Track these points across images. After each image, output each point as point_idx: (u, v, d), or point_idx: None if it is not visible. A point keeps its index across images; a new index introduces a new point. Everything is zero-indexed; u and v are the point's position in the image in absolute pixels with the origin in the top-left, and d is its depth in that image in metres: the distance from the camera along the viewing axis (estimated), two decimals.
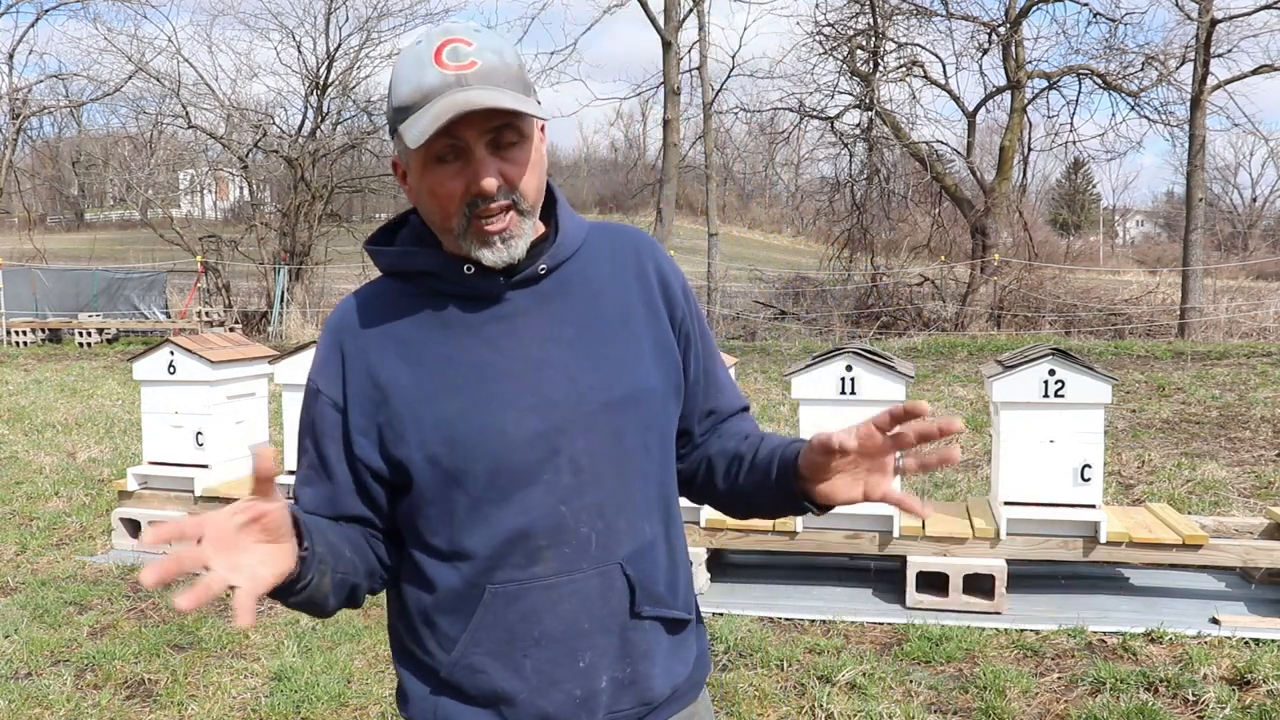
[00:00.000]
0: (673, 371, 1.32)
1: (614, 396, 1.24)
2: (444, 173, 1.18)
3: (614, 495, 1.24)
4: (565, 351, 1.24)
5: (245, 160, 20.34)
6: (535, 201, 1.23)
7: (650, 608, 1.26)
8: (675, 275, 1.36)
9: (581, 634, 1.22)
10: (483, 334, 1.23)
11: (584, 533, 1.22)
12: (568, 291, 1.27)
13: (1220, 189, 44.35)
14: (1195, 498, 6.01)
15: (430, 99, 1.14)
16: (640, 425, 1.26)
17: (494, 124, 1.16)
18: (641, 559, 1.26)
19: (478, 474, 1.20)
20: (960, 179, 18.95)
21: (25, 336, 17.13)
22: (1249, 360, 11.92)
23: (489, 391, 1.21)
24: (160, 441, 5.36)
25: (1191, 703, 3.37)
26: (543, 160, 1.25)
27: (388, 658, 3.80)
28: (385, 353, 1.24)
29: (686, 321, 1.35)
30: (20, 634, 4.05)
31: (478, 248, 1.20)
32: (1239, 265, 26.39)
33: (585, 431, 1.22)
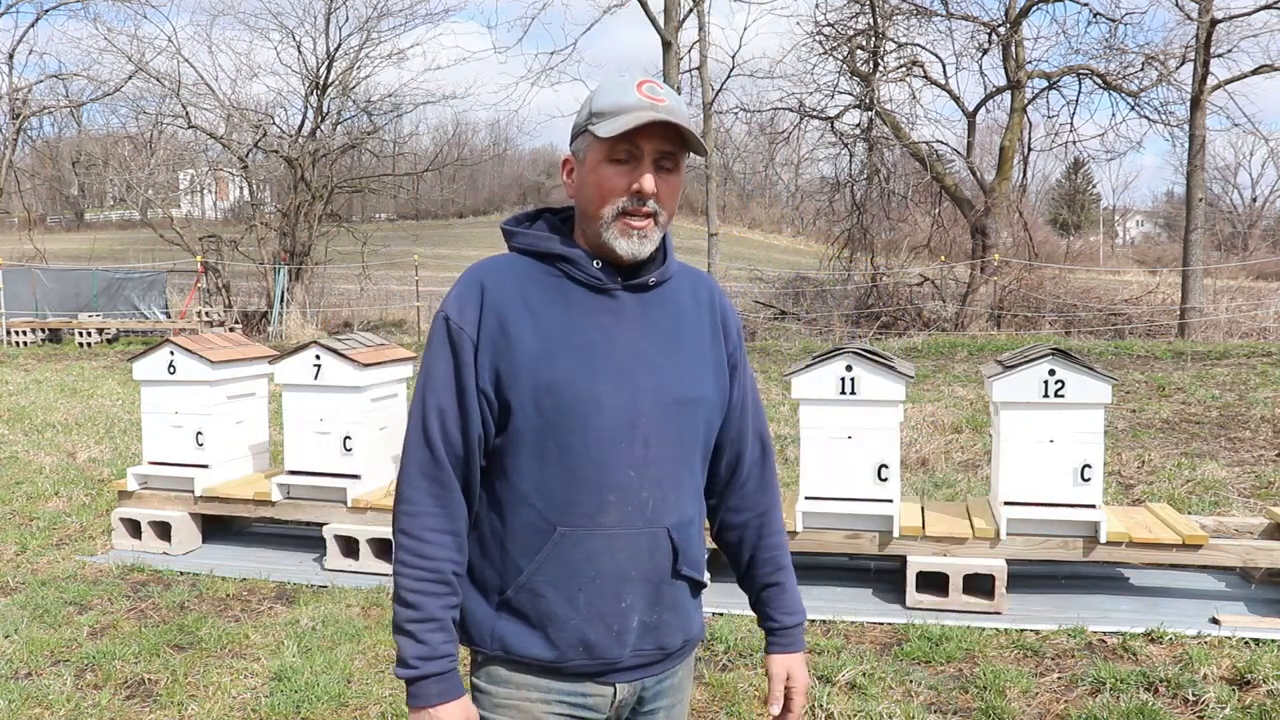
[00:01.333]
0: (723, 390, 1.61)
1: (683, 396, 1.53)
2: (616, 170, 1.46)
3: (671, 474, 1.52)
4: (654, 351, 1.51)
5: (245, 160, 20.32)
6: (666, 223, 1.51)
7: (686, 568, 1.54)
8: (733, 316, 1.68)
9: (628, 579, 1.49)
10: (596, 319, 1.49)
11: (644, 497, 1.48)
12: (663, 306, 1.55)
13: (1220, 189, 44.37)
14: (1195, 498, 6.01)
15: (628, 110, 1.43)
16: (695, 425, 1.55)
17: (665, 149, 1.46)
18: (684, 530, 1.54)
19: (570, 428, 1.45)
20: (960, 179, 18.94)
21: (25, 336, 17.13)
22: (1249, 360, 11.92)
23: (593, 366, 1.46)
24: (160, 441, 5.36)
25: (1191, 703, 3.37)
26: (680, 194, 1.53)
27: (388, 657, 3.80)
28: (517, 309, 1.48)
29: (736, 355, 1.66)
30: (20, 634, 4.05)
31: (617, 237, 1.47)
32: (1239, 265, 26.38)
33: (658, 418, 1.50)
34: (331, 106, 20.35)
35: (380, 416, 5.16)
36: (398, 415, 5.35)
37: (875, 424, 4.50)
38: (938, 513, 4.71)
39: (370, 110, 20.95)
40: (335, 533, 4.94)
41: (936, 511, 4.74)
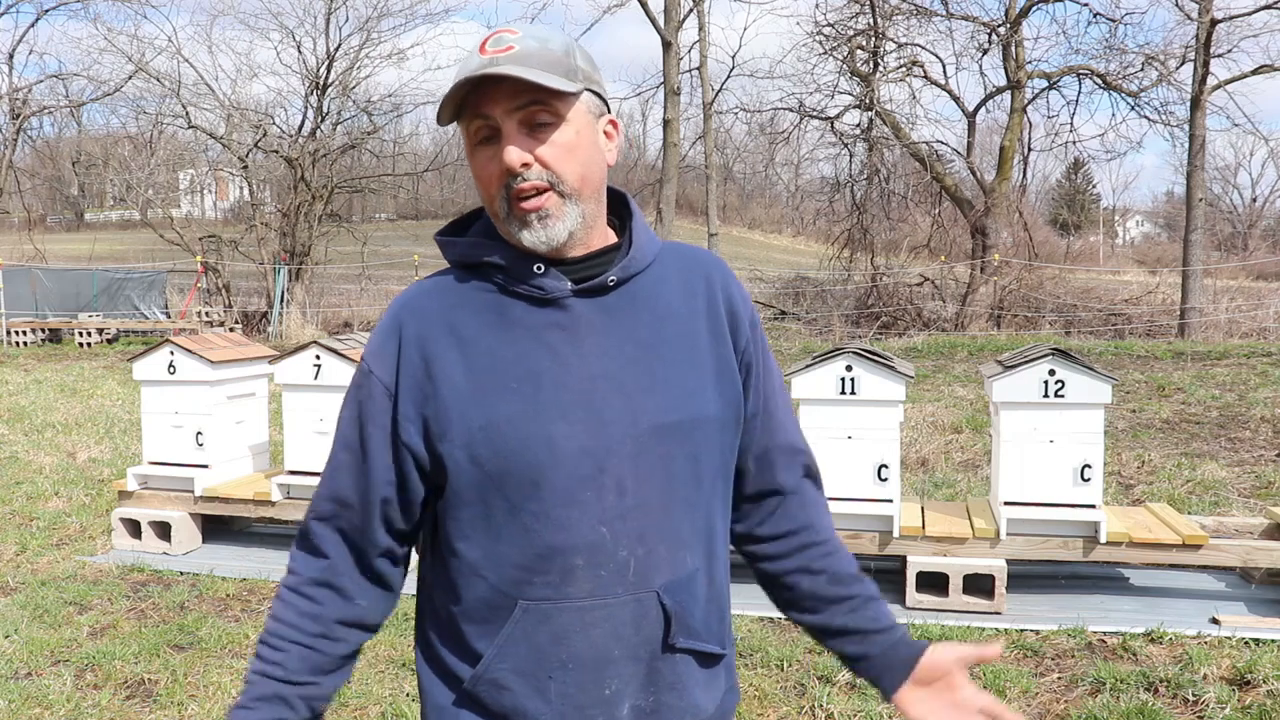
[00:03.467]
0: (734, 401, 1.27)
1: (667, 421, 1.20)
2: (484, 155, 1.19)
3: (657, 522, 1.20)
4: (624, 368, 1.20)
5: (245, 160, 20.32)
6: (580, 187, 1.19)
7: (684, 639, 1.23)
8: (744, 304, 1.33)
9: (610, 660, 1.19)
10: (543, 339, 1.19)
11: (623, 557, 1.18)
12: (635, 307, 1.23)
13: (1220, 189, 44.37)
14: (1195, 498, 6.01)
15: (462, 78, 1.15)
16: (691, 453, 1.22)
17: (521, 102, 1.15)
18: (680, 590, 1.22)
19: (520, 482, 1.17)
20: (960, 179, 18.94)
21: (25, 336, 17.12)
22: (1249, 360, 11.92)
23: (541, 400, 1.17)
24: (160, 441, 5.36)
25: (1191, 703, 3.37)
26: (591, 149, 1.20)
27: (388, 657, 3.80)
28: (442, 343, 1.21)
29: (750, 351, 1.31)
30: (20, 634, 4.05)
31: (517, 229, 1.18)
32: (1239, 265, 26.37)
33: (634, 454, 1.18)
34: (331, 106, 20.36)
35: None
36: None
37: (875, 424, 4.50)
38: (938, 513, 4.71)
39: (370, 110, 20.96)
40: None
41: (936, 511, 4.74)
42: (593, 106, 1.22)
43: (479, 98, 1.16)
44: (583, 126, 1.20)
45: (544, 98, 1.15)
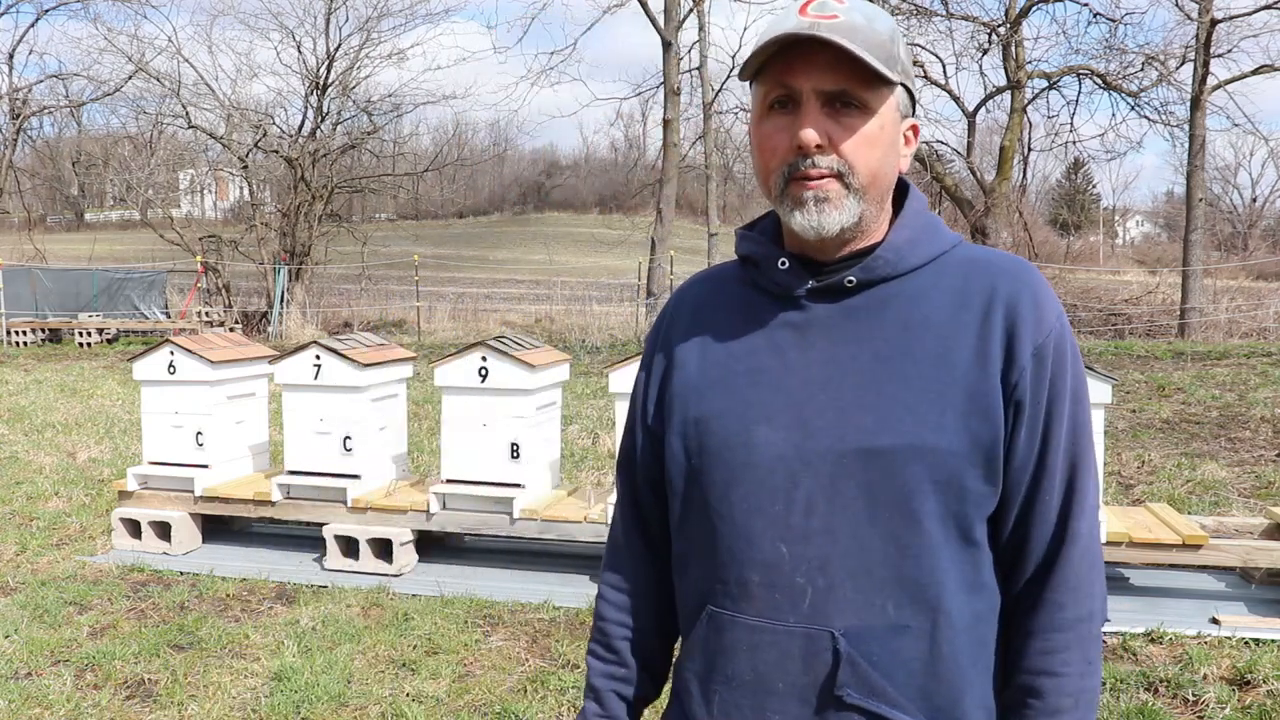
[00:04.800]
0: (983, 439, 1.06)
1: (878, 445, 1.06)
2: (773, 123, 1.09)
3: (846, 556, 1.07)
4: (849, 379, 1.09)
5: (245, 160, 20.33)
6: (869, 183, 1.09)
7: (862, 697, 1.06)
8: (1033, 327, 1.08)
9: (773, 692, 1.09)
10: (773, 336, 1.13)
11: (799, 584, 1.08)
12: (881, 314, 1.10)
13: (1220, 189, 44.35)
14: (1195, 498, 6.01)
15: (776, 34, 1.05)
16: (903, 487, 1.06)
17: (832, 84, 1.06)
18: (871, 641, 1.07)
19: (715, 481, 1.13)
20: (960, 179, 18.95)
21: (25, 336, 17.12)
22: (1249, 360, 11.92)
23: (753, 399, 1.12)
24: (160, 441, 5.36)
25: (1191, 703, 3.37)
26: (890, 148, 1.11)
27: (388, 658, 3.80)
28: (689, 331, 1.21)
29: (1025, 386, 1.08)
30: (20, 634, 4.05)
31: (790, 208, 1.10)
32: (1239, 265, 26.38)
33: (833, 474, 1.07)
34: (331, 106, 20.37)
35: (380, 416, 5.16)
36: (398, 415, 5.35)
37: None
38: None
39: (370, 110, 20.97)
40: (335, 533, 4.94)
41: None
42: (902, 104, 1.12)
43: (787, 62, 1.06)
44: (888, 122, 1.10)
45: (859, 81, 1.06)
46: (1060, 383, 1.09)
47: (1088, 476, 1.11)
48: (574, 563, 5.01)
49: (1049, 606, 1.10)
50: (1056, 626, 1.09)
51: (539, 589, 4.59)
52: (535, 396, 4.81)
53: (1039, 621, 1.10)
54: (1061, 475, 1.10)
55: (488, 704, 3.43)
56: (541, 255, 32.10)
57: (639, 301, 17.95)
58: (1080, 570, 1.10)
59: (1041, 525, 1.10)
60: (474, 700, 3.46)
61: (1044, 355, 1.08)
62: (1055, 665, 1.09)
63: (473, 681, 3.61)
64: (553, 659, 3.82)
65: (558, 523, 4.74)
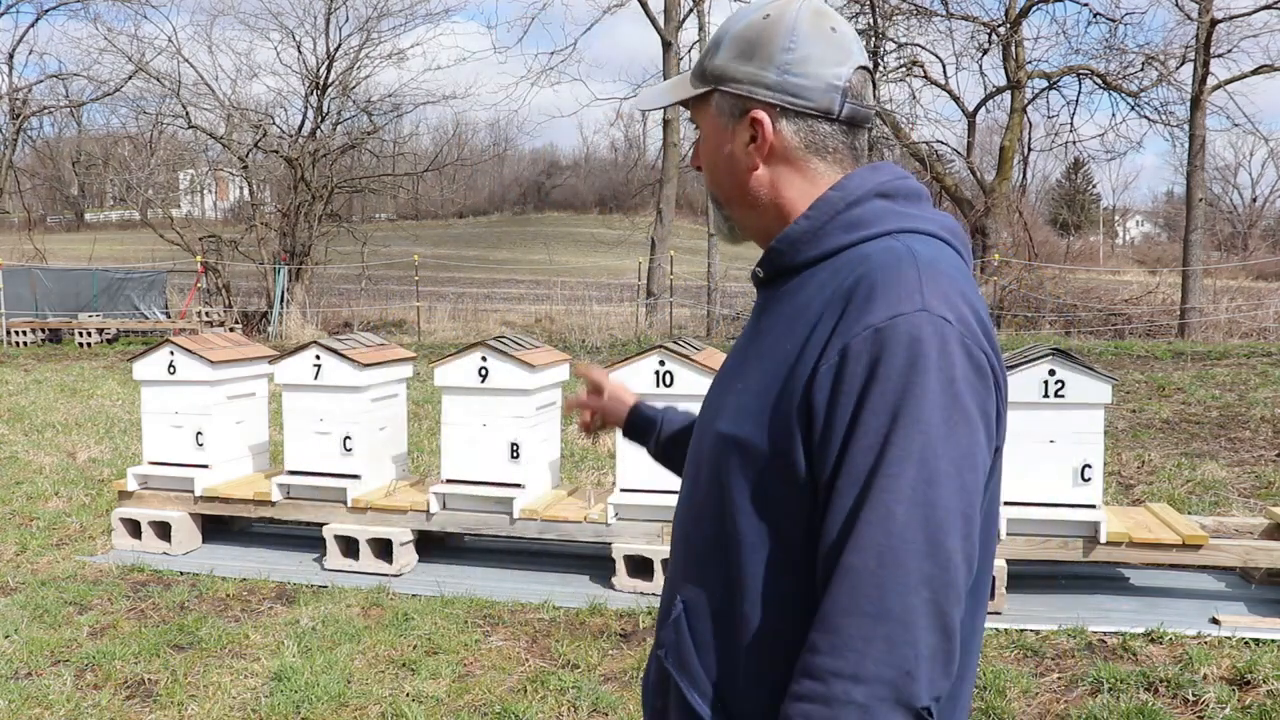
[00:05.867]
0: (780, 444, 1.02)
1: (721, 430, 1.11)
2: None
3: (691, 532, 1.17)
4: (740, 366, 1.15)
5: (245, 160, 20.32)
6: (718, 191, 1.19)
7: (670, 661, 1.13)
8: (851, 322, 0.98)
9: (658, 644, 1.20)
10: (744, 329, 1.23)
11: (676, 548, 1.21)
12: (779, 306, 1.12)
13: (1220, 189, 44.36)
14: (1195, 498, 6.01)
15: None
16: (726, 475, 1.09)
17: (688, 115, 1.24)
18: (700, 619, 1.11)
19: None
20: (960, 179, 18.96)
21: (25, 336, 17.12)
22: (1249, 360, 11.92)
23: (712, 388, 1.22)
24: (160, 441, 5.36)
25: (1191, 703, 3.37)
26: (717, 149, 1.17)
27: (388, 657, 3.81)
28: None
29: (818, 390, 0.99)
30: (20, 634, 4.05)
31: None
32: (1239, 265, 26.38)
33: (704, 454, 1.15)
34: (331, 106, 20.37)
35: (380, 416, 5.16)
36: (398, 415, 5.35)
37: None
38: None
39: (370, 110, 20.96)
40: (335, 533, 4.94)
41: None
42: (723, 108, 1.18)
43: None
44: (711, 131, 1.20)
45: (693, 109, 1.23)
46: (870, 391, 0.95)
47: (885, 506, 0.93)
48: (574, 563, 5.01)
49: (808, 644, 0.95)
50: (804, 670, 0.94)
51: (539, 589, 4.59)
52: (535, 396, 4.81)
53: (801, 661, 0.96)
54: (846, 501, 0.95)
55: (488, 704, 3.43)
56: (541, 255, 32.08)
57: (639, 301, 17.95)
58: (845, 611, 0.92)
59: (823, 544, 0.98)
60: (474, 700, 3.46)
61: (849, 357, 0.97)
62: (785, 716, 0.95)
63: (473, 681, 3.61)
64: (553, 659, 3.82)
65: (558, 523, 4.74)
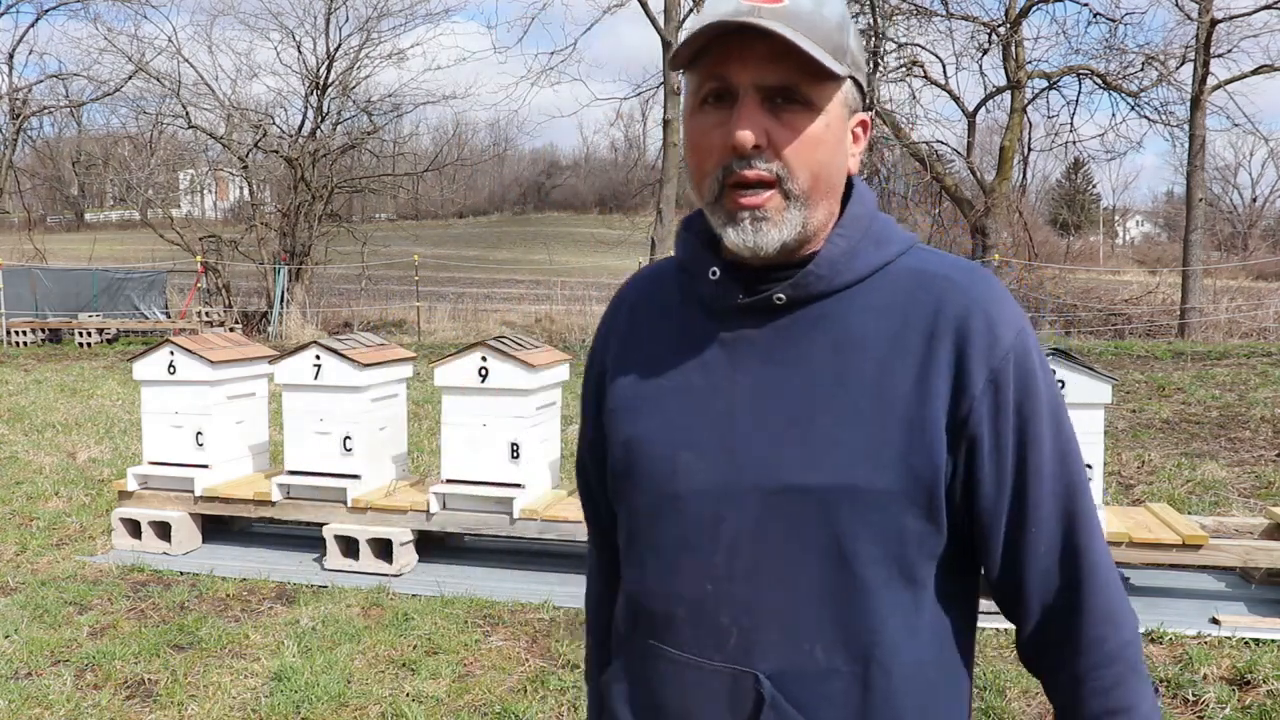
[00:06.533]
0: (924, 478, 0.96)
1: (809, 483, 0.96)
2: (708, 119, 0.97)
3: (771, 598, 0.99)
4: (779, 407, 0.98)
5: (245, 160, 20.33)
6: (812, 188, 0.97)
7: None
8: (989, 351, 0.96)
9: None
10: (704, 353, 1.03)
11: (724, 623, 1.00)
12: (812, 335, 0.99)
13: (1220, 189, 44.36)
14: (1195, 498, 6.01)
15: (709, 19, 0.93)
16: (835, 530, 0.97)
17: (774, 79, 0.94)
18: (797, 685, 0.98)
19: (642, 508, 1.05)
20: (960, 179, 18.96)
21: (25, 336, 17.12)
22: (1249, 360, 11.92)
23: (679, 422, 1.02)
24: (160, 441, 5.36)
25: (1191, 703, 3.37)
26: (836, 147, 0.99)
27: (388, 658, 3.80)
28: (629, 337, 1.12)
29: (978, 422, 0.97)
30: (20, 634, 4.05)
31: (723, 222, 0.98)
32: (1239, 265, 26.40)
33: (758, 513, 0.98)
34: (331, 106, 20.37)
35: (380, 416, 5.16)
36: (398, 415, 5.35)
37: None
38: None
39: (370, 110, 20.96)
40: (335, 533, 4.94)
41: None
42: (851, 99, 1.00)
43: (724, 52, 0.94)
44: (835, 120, 0.98)
45: (803, 75, 0.94)
46: (1030, 406, 0.98)
47: (1087, 499, 1.01)
48: (574, 563, 5.01)
49: (1091, 644, 1.00)
50: (1106, 661, 1.00)
51: (539, 589, 4.59)
52: (535, 396, 4.81)
53: (1085, 663, 1.00)
54: (1056, 506, 0.99)
55: (488, 704, 3.43)
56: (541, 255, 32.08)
57: None
58: (1110, 596, 1.01)
59: (1036, 562, 1.00)
60: (474, 700, 3.46)
61: (1002, 382, 0.97)
62: (1121, 700, 0.99)
63: (473, 681, 3.61)
64: (553, 659, 3.82)
65: (558, 523, 4.74)
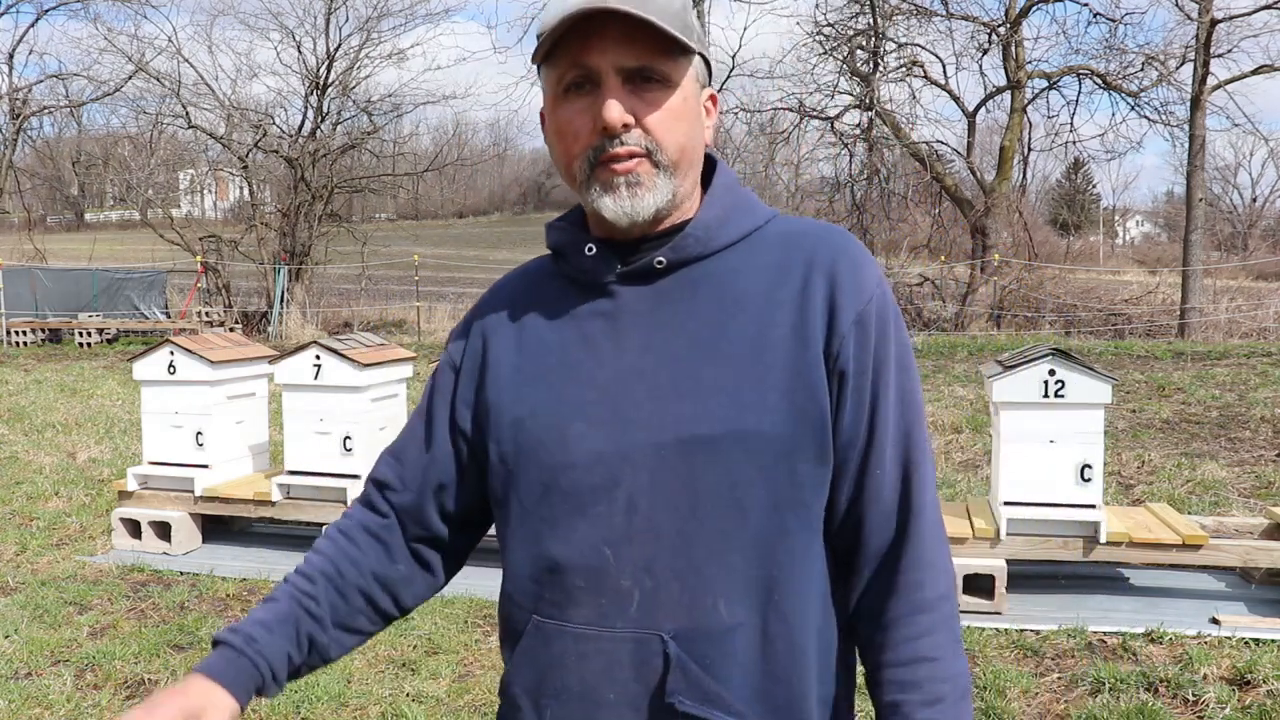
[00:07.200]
0: (811, 418, 1.01)
1: (699, 433, 1.00)
2: (572, 107, 1.03)
3: (672, 554, 1.00)
4: (665, 366, 1.02)
5: (245, 160, 20.33)
6: (679, 158, 1.03)
7: (693, 702, 0.99)
8: (853, 295, 1.03)
9: (604, 703, 1.03)
10: (584, 328, 1.07)
11: (625, 586, 1.01)
12: (694, 295, 1.05)
13: (1220, 189, 44.37)
14: (1195, 498, 6.01)
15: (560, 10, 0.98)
16: (729, 477, 1.00)
17: (633, 60, 1.00)
18: (702, 642, 1.00)
19: (531, 484, 1.06)
20: (960, 179, 18.96)
21: (25, 336, 17.12)
22: (1249, 360, 11.91)
23: (566, 395, 1.05)
24: (160, 441, 5.36)
25: (1191, 703, 3.37)
26: (695, 119, 1.05)
27: (388, 657, 3.80)
28: (503, 331, 1.14)
29: (847, 356, 1.02)
30: (20, 634, 4.05)
31: (599, 194, 1.03)
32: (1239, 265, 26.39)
33: (654, 468, 1.00)
34: (331, 106, 20.37)
35: (380, 416, 5.16)
36: (398, 415, 5.35)
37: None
38: None
39: (370, 110, 20.96)
40: None
41: None
42: (700, 74, 1.08)
43: (582, 41, 0.99)
44: (690, 94, 1.05)
45: (658, 54, 1.00)
46: (884, 349, 1.04)
47: (922, 447, 1.06)
48: None
49: (907, 588, 1.03)
50: (920, 608, 1.03)
51: None
52: None
53: (899, 606, 1.03)
54: (895, 447, 1.04)
55: (488, 704, 3.43)
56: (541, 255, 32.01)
57: None
58: (932, 544, 1.04)
59: (878, 502, 1.04)
60: (474, 700, 3.46)
61: (866, 321, 1.03)
62: (927, 650, 1.02)
63: (473, 681, 3.61)
64: None
65: None
